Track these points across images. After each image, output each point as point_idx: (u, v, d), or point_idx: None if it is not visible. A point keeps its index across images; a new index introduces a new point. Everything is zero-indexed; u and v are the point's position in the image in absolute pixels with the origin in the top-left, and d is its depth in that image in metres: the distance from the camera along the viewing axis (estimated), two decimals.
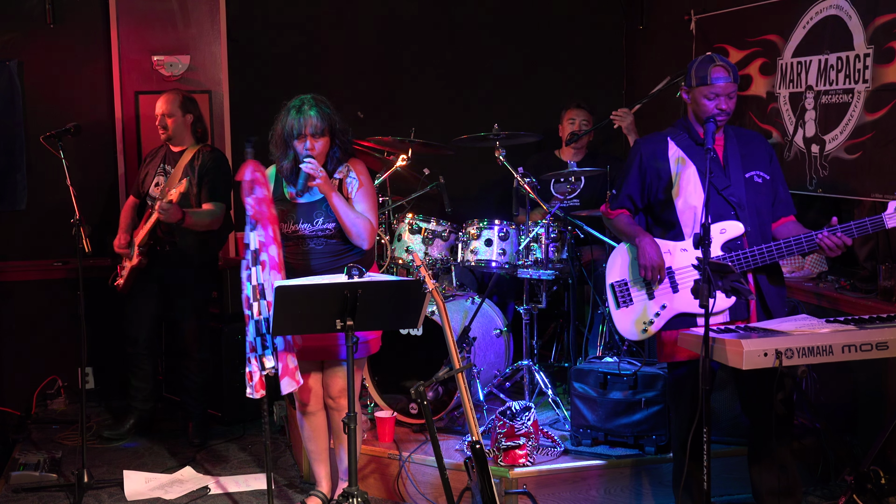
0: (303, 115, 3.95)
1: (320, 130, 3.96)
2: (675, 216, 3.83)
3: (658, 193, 3.86)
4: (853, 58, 4.59)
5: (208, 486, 4.70)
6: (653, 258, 3.78)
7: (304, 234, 4.05)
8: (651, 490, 4.41)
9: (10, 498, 4.57)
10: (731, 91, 3.76)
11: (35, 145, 4.93)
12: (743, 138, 3.92)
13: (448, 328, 3.91)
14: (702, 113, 3.79)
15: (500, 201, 6.25)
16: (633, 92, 6.64)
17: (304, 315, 3.60)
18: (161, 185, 5.14)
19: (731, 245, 3.75)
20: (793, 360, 3.32)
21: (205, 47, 5.87)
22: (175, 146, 5.23)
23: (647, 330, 3.84)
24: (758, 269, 3.78)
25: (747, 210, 3.78)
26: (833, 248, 3.66)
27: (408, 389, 4.52)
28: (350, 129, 4.14)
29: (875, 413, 4.52)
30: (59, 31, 5.79)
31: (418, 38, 6.48)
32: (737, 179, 3.80)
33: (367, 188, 4.10)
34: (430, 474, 4.44)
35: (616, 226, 4.00)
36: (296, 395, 4.24)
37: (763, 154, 3.89)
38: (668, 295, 3.82)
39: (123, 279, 5.22)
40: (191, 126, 5.22)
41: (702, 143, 3.79)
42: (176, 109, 5.17)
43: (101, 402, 5.90)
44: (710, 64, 3.76)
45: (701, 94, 3.77)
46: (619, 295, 3.90)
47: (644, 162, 3.89)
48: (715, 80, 3.73)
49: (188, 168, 5.13)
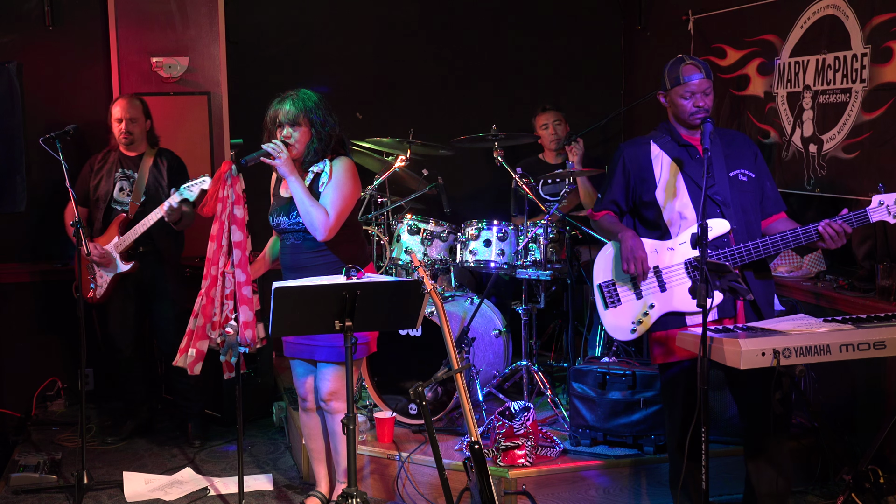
0: (281, 105, 4.05)
1: (293, 119, 4.02)
2: (660, 217, 3.84)
3: (642, 195, 3.88)
4: (850, 57, 4.60)
5: (208, 488, 4.70)
6: (634, 249, 3.76)
7: (284, 228, 4.12)
8: (650, 490, 4.41)
9: (9, 499, 4.58)
10: (706, 87, 3.77)
11: (34, 147, 4.93)
12: (725, 138, 3.92)
13: (447, 329, 3.91)
14: (681, 113, 3.80)
15: (498, 202, 6.25)
16: (631, 92, 6.65)
17: (302, 316, 3.60)
18: (126, 189, 5.14)
19: (717, 243, 3.74)
20: (790, 359, 3.32)
21: (203, 49, 5.88)
22: (131, 151, 5.24)
23: (635, 329, 3.82)
24: (744, 266, 3.78)
25: (732, 208, 3.78)
26: (834, 237, 3.63)
27: (407, 390, 4.51)
28: (334, 125, 4.11)
29: (873, 412, 4.53)
30: (58, 33, 5.80)
31: (417, 39, 6.49)
32: (721, 178, 3.80)
33: (339, 183, 4.05)
34: (430, 475, 4.44)
35: (601, 226, 4.01)
36: (296, 391, 4.34)
37: (747, 152, 3.89)
38: (655, 294, 3.81)
39: (104, 289, 5.18)
40: (148, 131, 5.26)
41: (685, 143, 3.82)
42: (140, 114, 5.21)
43: (100, 404, 5.91)
44: (681, 63, 3.78)
45: (677, 94, 3.79)
46: (606, 295, 3.89)
47: (627, 165, 3.91)
48: (688, 79, 3.75)
49: (154, 170, 5.16)
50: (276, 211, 4.15)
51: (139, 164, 5.19)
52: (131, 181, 5.16)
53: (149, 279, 5.21)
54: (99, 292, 5.18)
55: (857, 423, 4.64)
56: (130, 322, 5.31)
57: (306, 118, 4.04)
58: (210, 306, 4.08)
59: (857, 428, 4.63)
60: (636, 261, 3.76)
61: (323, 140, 4.08)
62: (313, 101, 4.07)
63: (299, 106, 4.03)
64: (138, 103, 5.22)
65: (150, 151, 5.25)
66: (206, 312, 4.07)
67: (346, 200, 4.06)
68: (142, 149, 5.25)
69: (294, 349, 4.22)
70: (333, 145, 4.13)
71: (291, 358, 4.28)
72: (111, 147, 5.30)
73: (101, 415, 5.76)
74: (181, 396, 5.39)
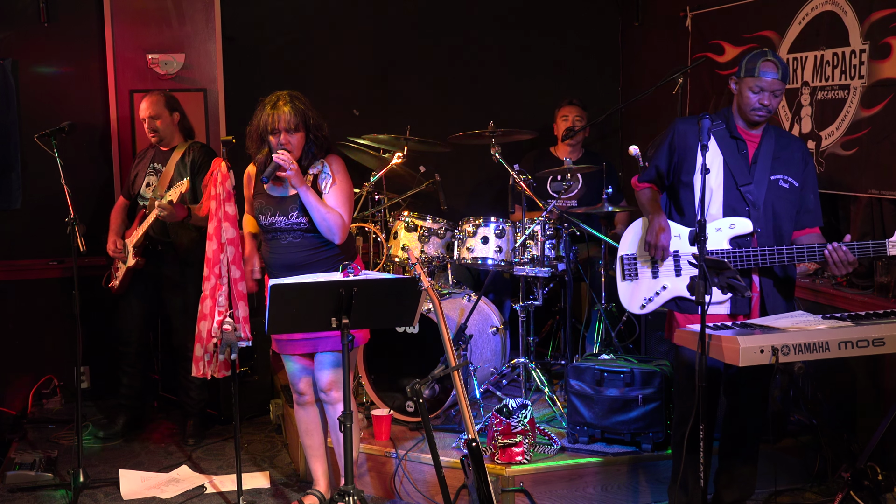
0: (277, 111, 3.97)
1: (294, 126, 3.98)
2: (692, 202, 3.85)
3: (682, 175, 3.90)
4: (849, 53, 4.58)
5: (204, 485, 4.69)
6: (657, 237, 3.83)
7: (280, 227, 4.06)
8: (648, 487, 4.40)
9: (5, 497, 4.56)
10: (777, 89, 3.77)
11: (30, 144, 4.92)
12: (782, 140, 3.91)
13: (444, 326, 3.90)
14: (744, 104, 3.81)
15: (495, 199, 6.24)
16: (628, 88, 6.64)
17: (299, 313, 3.59)
18: (152, 184, 5.14)
19: (740, 241, 3.77)
20: (789, 356, 3.32)
21: (200, 45, 5.85)
22: (164, 146, 5.24)
23: (645, 306, 3.93)
24: (764, 272, 3.79)
25: (762, 211, 3.79)
26: (838, 264, 3.68)
27: (404, 387, 4.51)
28: (324, 125, 4.11)
29: (872, 409, 4.52)
30: (54, 29, 5.77)
31: (413, 35, 6.47)
32: (760, 179, 3.81)
33: (341, 184, 4.08)
34: (427, 472, 4.43)
35: (639, 199, 4.07)
36: (292, 387, 4.28)
37: (798, 160, 3.89)
38: (670, 277, 3.88)
39: (119, 280, 5.21)
40: (178, 124, 5.23)
41: (737, 136, 3.83)
42: (162, 110, 5.18)
43: (96, 402, 5.89)
44: (762, 58, 3.76)
45: (747, 85, 3.78)
46: (626, 268, 3.97)
47: (675, 141, 3.92)
48: (762, 74, 3.74)
49: (179, 165, 5.13)
50: (268, 210, 4.07)
51: (169, 159, 5.18)
52: (159, 176, 5.16)
53: (165, 274, 5.21)
54: (115, 283, 5.24)
55: (856, 420, 4.63)
56: (141, 317, 5.33)
57: (303, 123, 4.01)
58: (216, 307, 4.09)
59: (855, 425, 4.63)
60: (658, 248, 3.84)
61: (318, 142, 4.06)
62: (305, 103, 4.03)
63: (297, 111, 3.98)
64: (159, 99, 5.20)
65: (182, 145, 5.22)
66: (213, 314, 4.08)
67: (351, 198, 4.12)
68: (175, 142, 5.23)
69: (292, 346, 4.16)
70: (327, 145, 4.12)
71: (288, 354, 4.23)
72: (152, 142, 5.31)
73: (96, 412, 5.75)
74: (184, 394, 5.38)
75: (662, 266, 3.89)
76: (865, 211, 4.60)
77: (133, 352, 5.36)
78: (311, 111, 4.05)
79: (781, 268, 3.85)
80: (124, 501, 4.53)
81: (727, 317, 3.82)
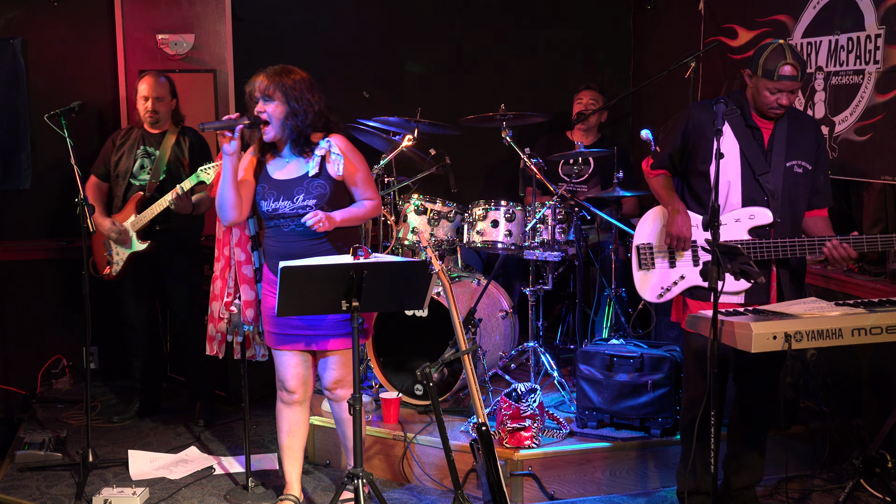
0: (255, 78, 3.88)
1: (269, 94, 3.82)
2: (708, 191, 3.80)
3: (698, 164, 3.84)
4: (864, 38, 4.54)
5: (213, 466, 4.70)
6: (681, 229, 3.80)
7: (283, 213, 3.88)
8: (657, 473, 4.40)
9: (14, 477, 4.58)
10: (795, 88, 3.72)
11: (39, 124, 4.89)
12: (796, 122, 3.86)
13: (454, 309, 3.89)
14: (761, 102, 3.75)
15: (506, 182, 6.22)
16: (640, 72, 6.60)
17: (308, 296, 3.57)
18: (147, 167, 5.12)
19: (759, 231, 3.74)
20: (802, 343, 3.29)
21: (209, 26, 5.83)
22: (155, 129, 5.20)
23: (662, 295, 3.89)
24: (781, 263, 3.77)
25: (780, 200, 3.76)
26: (837, 260, 3.68)
27: (413, 370, 4.51)
28: (317, 101, 3.88)
29: (883, 396, 4.50)
30: (63, 9, 5.75)
31: (425, 17, 6.44)
32: (776, 167, 3.77)
33: (357, 163, 3.94)
34: (436, 455, 4.43)
35: (653, 187, 4.01)
36: (281, 384, 4.05)
37: (811, 141, 3.85)
38: (688, 267, 3.85)
39: (120, 267, 5.16)
40: (173, 110, 5.23)
41: (752, 125, 3.79)
42: (167, 93, 5.16)
43: (105, 382, 5.90)
44: (782, 59, 3.66)
45: (764, 85, 3.71)
46: (642, 257, 3.93)
47: (690, 128, 3.86)
48: (781, 78, 3.67)
49: (176, 149, 5.12)
50: (272, 195, 3.88)
51: (161, 142, 5.15)
52: (152, 158, 5.13)
53: (164, 257, 5.19)
54: (115, 269, 5.17)
55: (866, 407, 4.62)
56: (145, 300, 5.32)
57: (280, 92, 3.82)
58: (225, 288, 4.08)
59: (863, 412, 4.61)
60: (681, 241, 3.81)
61: (299, 117, 3.84)
62: (290, 75, 3.86)
63: (272, 79, 3.83)
64: (165, 81, 5.17)
65: (172, 129, 5.20)
66: (223, 294, 4.08)
67: (370, 174, 4.03)
68: (165, 126, 5.21)
69: (286, 339, 3.95)
70: (324, 123, 3.93)
71: (281, 348, 3.98)
72: (134, 123, 5.27)
73: (106, 393, 5.76)
74: (192, 376, 5.39)
75: (680, 256, 3.87)
76: (879, 197, 4.57)
77: (140, 336, 5.35)
78: (298, 84, 3.85)
79: (800, 265, 3.83)
80: (133, 482, 4.54)
81: (740, 306, 3.79)
